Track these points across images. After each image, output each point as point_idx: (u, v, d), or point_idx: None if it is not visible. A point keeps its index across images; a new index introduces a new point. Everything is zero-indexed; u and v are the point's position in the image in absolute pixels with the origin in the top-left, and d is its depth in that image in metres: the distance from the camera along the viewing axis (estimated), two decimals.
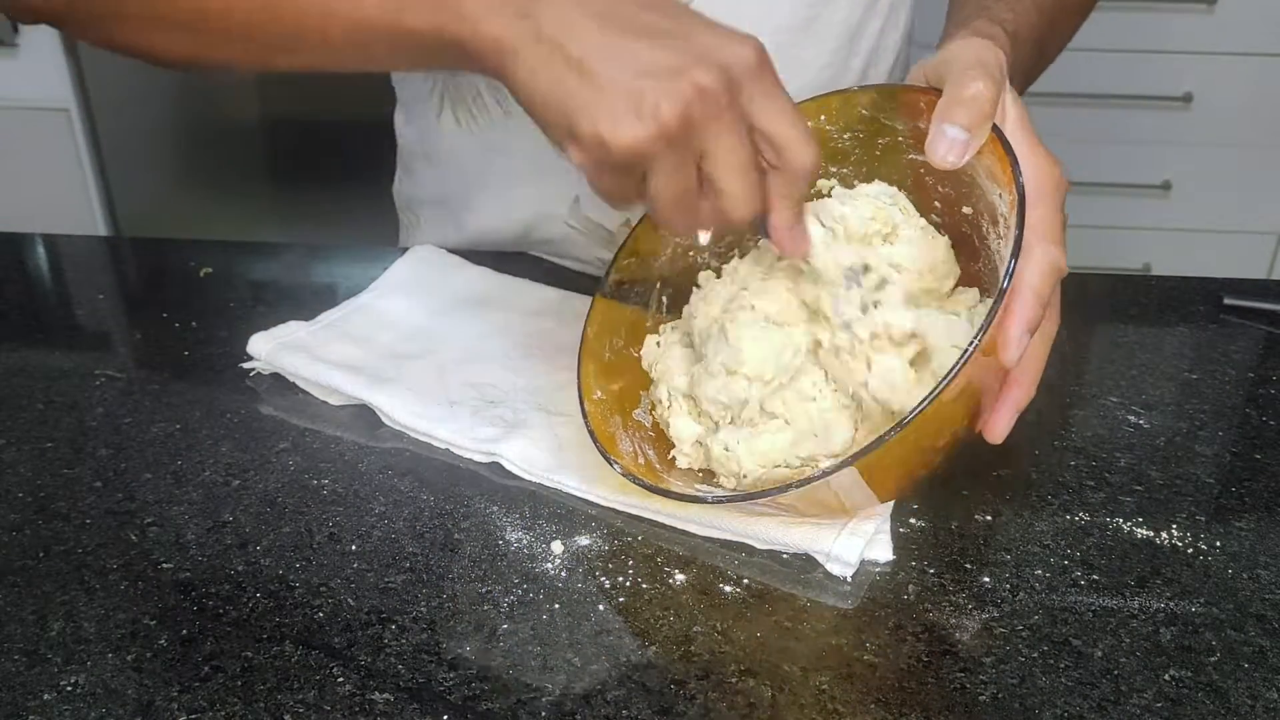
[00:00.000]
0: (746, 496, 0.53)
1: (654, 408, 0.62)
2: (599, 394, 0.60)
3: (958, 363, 0.47)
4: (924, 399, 0.47)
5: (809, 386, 0.57)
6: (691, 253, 0.65)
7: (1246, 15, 1.68)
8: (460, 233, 0.89)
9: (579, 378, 0.60)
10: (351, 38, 0.53)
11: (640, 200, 0.50)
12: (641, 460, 0.58)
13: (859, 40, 0.78)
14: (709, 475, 0.59)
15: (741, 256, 0.63)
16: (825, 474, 0.49)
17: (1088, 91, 1.72)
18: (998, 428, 0.53)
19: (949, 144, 0.53)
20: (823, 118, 0.62)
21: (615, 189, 0.50)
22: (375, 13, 0.51)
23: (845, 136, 0.62)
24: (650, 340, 0.63)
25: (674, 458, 0.60)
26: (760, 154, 0.50)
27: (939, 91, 0.55)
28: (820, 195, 0.64)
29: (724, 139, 0.48)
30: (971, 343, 0.48)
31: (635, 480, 0.55)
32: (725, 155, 0.48)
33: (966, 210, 0.58)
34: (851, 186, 0.63)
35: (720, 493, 0.56)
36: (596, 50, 0.47)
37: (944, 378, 0.47)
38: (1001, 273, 0.51)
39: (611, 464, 0.56)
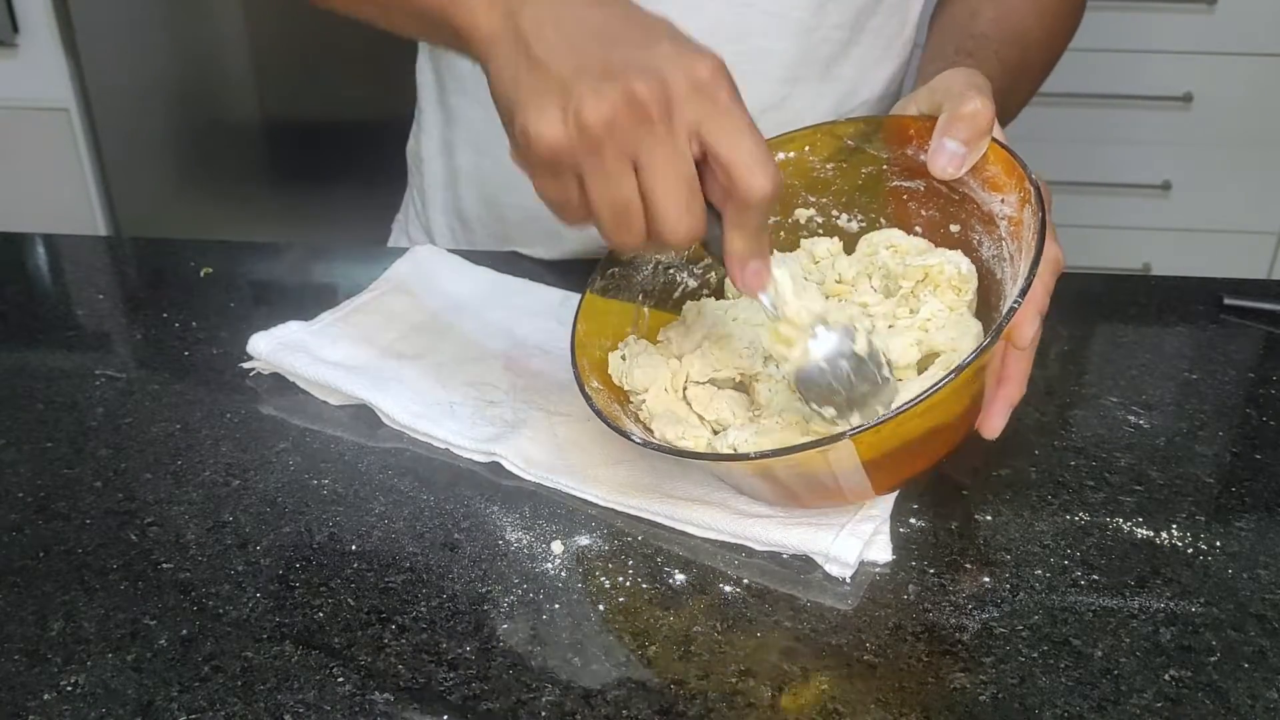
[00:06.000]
0: (787, 450, 0.50)
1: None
2: (596, 383, 0.60)
3: (984, 342, 0.49)
4: (939, 379, 0.48)
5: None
6: (670, 270, 0.65)
7: (1246, 15, 1.68)
8: (464, 184, 0.90)
9: (575, 369, 0.59)
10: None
11: (585, 214, 0.49)
12: (656, 436, 0.58)
13: (861, 32, 0.79)
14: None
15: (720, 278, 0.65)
16: (861, 428, 0.49)
17: (1088, 91, 1.72)
18: (992, 423, 0.57)
19: (949, 156, 0.57)
20: (806, 148, 0.64)
21: (554, 194, 0.49)
22: None
23: (829, 167, 0.64)
24: (614, 356, 0.62)
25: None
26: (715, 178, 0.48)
27: (928, 118, 0.59)
28: (799, 226, 0.65)
29: (656, 151, 0.46)
30: (999, 325, 0.49)
31: (659, 448, 0.54)
32: (657, 169, 0.46)
33: (954, 228, 0.60)
34: (830, 216, 0.65)
35: (762, 449, 0.53)
36: (553, 50, 0.47)
37: (968, 355, 0.49)
38: (1007, 270, 0.54)
39: (629, 436, 0.54)
